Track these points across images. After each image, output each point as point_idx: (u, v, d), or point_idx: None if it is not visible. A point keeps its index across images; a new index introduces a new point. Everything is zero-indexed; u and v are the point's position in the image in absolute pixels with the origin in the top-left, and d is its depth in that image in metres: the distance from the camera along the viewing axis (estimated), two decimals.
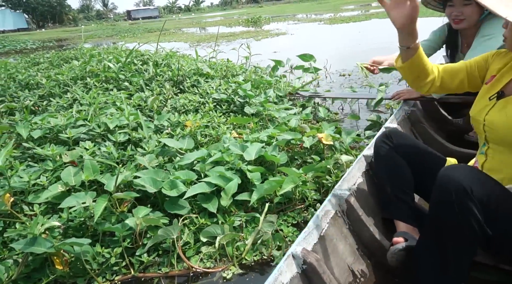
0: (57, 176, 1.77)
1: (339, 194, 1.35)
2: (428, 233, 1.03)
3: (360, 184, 1.49)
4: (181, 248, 1.49)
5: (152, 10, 63.07)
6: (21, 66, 4.10)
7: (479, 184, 0.90)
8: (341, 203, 1.34)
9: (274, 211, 1.74)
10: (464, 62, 1.27)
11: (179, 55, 4.62)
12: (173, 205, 1.67)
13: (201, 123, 2.50)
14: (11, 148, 1.76)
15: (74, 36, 23.04)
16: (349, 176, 1.47)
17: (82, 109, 2.42)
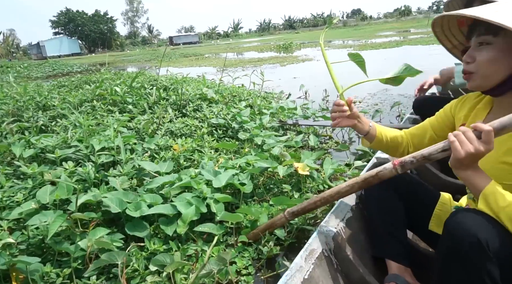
0: (35, 194, 1.86)
1: (325, 231, 1.27)
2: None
3: (349, 219, 1.41)
4: (128, 274, 1.48)
5: (192, 36, 66.49)
6: (45, 89, 4.45)
7: (496, 236, 0.77)
8: (328, 241, 1.26)
9: (236, 242, 1.70)
10: (428, 120, 1.27)
11: (191, 80, 4.79)
12: (135, 227, 1.69)
13: (188, 147, 2.55)
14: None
15: (118, 60, 24.70)
16: (337, 211, 1.40)
17: (76, 131, 2.56)
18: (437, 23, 1.14)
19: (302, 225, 1.70)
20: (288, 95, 4.86)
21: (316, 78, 7.24)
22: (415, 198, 1.24)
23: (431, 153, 0.96)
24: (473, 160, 0.84)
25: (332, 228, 1.27)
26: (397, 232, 1.21)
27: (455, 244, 0.79)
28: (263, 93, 4.89)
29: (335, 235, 1.25)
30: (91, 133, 2.63)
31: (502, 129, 0.82)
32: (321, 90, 5.28)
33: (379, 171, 1.13)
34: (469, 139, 0.83)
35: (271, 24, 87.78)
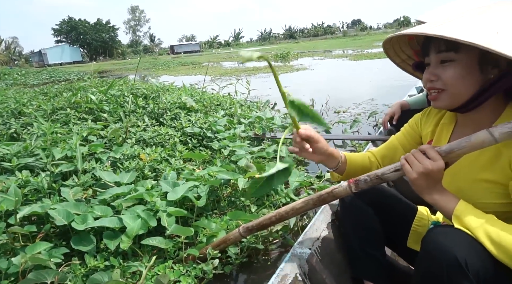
0: None
1: (299, 253, 1.19)
2: None
3: (325, 238, 1.34)
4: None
5: (193, 45, 67.00)
6: (27, 96, 4.40)
7: (475, 255, 0.74)
8: (301, 263, 1.18)
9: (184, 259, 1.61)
10: (396, 137, 1.20)
11: (175, 89, 4.74)
12: (81, 241, 1.60)
13: (156, 157, 2.47)
14: None
15: (117, 68, 24.81)
16: (312, 229, 1.32)
17: (44, 139, 2.49)
18: (387, 40, 1.07)
19: (254, 244, 1.61)
20: (274, 104, 4.81)
21: (306, 87, 7.22)
22: (392, 213, 1.17)
23: (384, 172, 0.95)
24: (430, 180, 0.83)
25: (306, 249, 1.19)
26: (374, 250, 1.15)
27: (433, 263, 0.77)
28: (248, 102, 4.83)
29: (309, 256, 1.18)
30: (56, 142, 2.56)
31: (450, 153, 0.83)
32: (309, 99, 5.23)
33: (334, 188, 1.08)
34: (419, 160, 0.83)
35: (272, 34, 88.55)
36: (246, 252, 1.61)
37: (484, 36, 0.73)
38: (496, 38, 0.72)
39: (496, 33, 0.74)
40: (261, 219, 1.32)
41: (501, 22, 0.76)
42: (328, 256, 1.26)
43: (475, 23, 0.77)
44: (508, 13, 0.79)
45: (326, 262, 1.23)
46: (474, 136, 0.79)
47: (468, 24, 0.77)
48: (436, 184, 0.84)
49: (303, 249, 1.19)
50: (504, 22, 0.76)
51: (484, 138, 0.78)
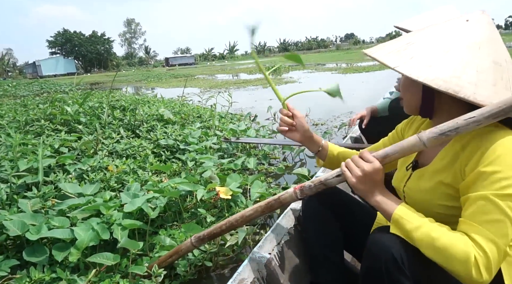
0: None
1: (257, 258, 1.18)
2: None
3: (285, 242, 1.34)
4: None
5: (188, 57, 67.50)
6: (7, 108, 4.40)
7: (411, 253, 0.80)
8: (260, 268, 1.18)
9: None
10: (383, 140, 1.26)
11: (155, 100, 4.77)
12: (34, 252, 1.60)
13: (124, 168, 2.48)
14: None
15: (110, 80, 24.88)
16: (273, 234, 1.31)
17: (7, 151, 2.49)
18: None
19: (202, 260, 1.62)
20: (254, 116, 4.85)
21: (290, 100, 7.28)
22: (352, 218, 1.20)
23: (327, 178, 0.99)
24: (369, 183, 0.88)
25: (266, 253, 1.19)
26: (333, 255, 1.17)
27: (372, 261, 0.83)
28: (230, 114, 4.88)
29: (268, 261, 1.17)
30: (25, 153, 2.56)
31: (385, 157, 0.88)
32: None
33: (281, 195, 1.12)
34: (356, 164, 0.89)
35: (267, 47, 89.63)
36: (195, 268, 1.61)
37: (405, 63, 0.86)
38: (409, 63, 0.85)
39: (410, 58, 0.86)
40: (212, 228, 1.34)
41: (420, 50, 0.87)
42: (288, 260, 1.26)
43: (404, 53, 0.89)
44: (431, 40, 0.88)
45: (286, 266, 1.23)
46: (406, 141, 0.85)
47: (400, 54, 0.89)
48: (376, 186, 0.88)
49: (262, 253, 1.19)
50: (422, 49, 0.87)
51: (414, 143, 0.83)
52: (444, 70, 0.82)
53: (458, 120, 0.78)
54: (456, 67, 0.82)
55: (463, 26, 0.87)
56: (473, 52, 0.83)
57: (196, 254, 1.62)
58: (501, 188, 0.73)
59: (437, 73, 0.81)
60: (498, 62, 0.83)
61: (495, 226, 0.72)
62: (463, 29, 0.86)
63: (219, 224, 1.30)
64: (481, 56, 0.83)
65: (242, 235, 1.58)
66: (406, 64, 0.84)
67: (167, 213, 2.05)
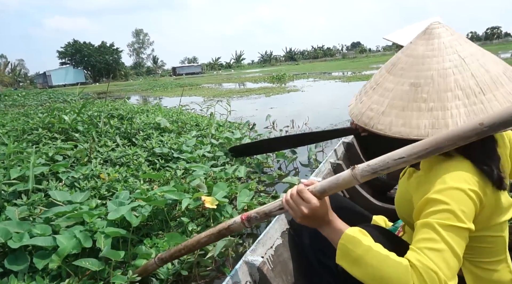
0: None
1: (250, 261, 1.18)
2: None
3: (278, 246, 1.33)
4: None
5: (195, 67, 68.25)
6: (10, 117, 4.49)
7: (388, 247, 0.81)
8: (252, 272, 1.18)
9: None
10: None
11: (154, 109, 4.83)
12: (16, 260, 1.62)
13: (116, 176, 2.50)
14: None
15: (117, 89, 25.24)
16: (265, 237, 1.31)
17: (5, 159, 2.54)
18: None
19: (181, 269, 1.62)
20: (253, 125, 4.87)
21: (291, 108, 7.31)
22: (347, 221, 1.18)
23: (271, 210, 1.00)
24: (313, 219, 0.87)
25: (258, 257, 1.18)
26: (328, 260, 1.15)
27: None
28: (228, 123, 4.90)
29: (261, 264, 1.17)
30: (22, 161, 2.60)
31: (323, 192, 0.86)
32: (289, 120, 5.32)
33: (230, 224, 1.14)
34: (296, 204, 0.86)
35: (273, 56, 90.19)
36: (173, 277, 1.61)
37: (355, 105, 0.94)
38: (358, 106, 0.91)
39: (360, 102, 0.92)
40: (173, 251, 1.36)
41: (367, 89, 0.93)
42: (280, 264, 1.26)
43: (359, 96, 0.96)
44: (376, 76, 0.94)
45: (279, 270, 1.23)
46: (342, 177, 0.83)
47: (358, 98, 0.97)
48: (322, 219, 0.88)
49: (254, 256, 1.18)
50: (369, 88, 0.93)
51: (348, 179, 0.82)
52: (364, 105, 0.88)
53: (389, 159, 0.75)
54: (375, 99, 0.87)
55: (403, 51, 0.90)
56: (395, 80, 0.85)
57: (174, 263, 1.62)
58: (448, 219, 0.73)
59: (360, 108, 0.89)
60: (416, 84, 0.82)
61: (437, 255, 0.72)
62: (401, 55, 0.89)
63: (178, 247, 1.32)
64: (400, 82, 0.84)
65: (220, 246, 1.57)
66: (356, 102, 0.94)
67: (154, 221, 2.06)
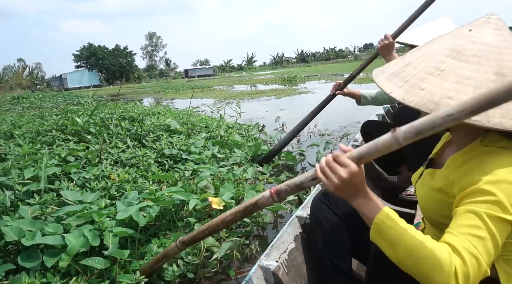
0: None
1: (265, 265, 1.19)
2: None
3: (292, 250, 1.34)
4: None
5: (207, 69, 68.80)
6: (26, 119, 4.62)
7: None
8: (267, 276, 1.19)
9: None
10: None
11: (165, 111, 4.89)
12: (28, 258, 1.66)
13: (125, 177, 2.55)
14: None
15: (130, 91, 25.62)
16: (279, 242, 1.32)
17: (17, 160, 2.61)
18: None
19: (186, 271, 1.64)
20: (262, 127, 4.88)
21: (301, 110, 7.27)
22: (360, 225, 1.13)
23: (302, 181, 0.95)
24: (349, 187, 0.81)
25: (273, 261, 1.20)
26: (341, 263, 1.16)
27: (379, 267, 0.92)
28: (237, 124, 4.93)
29: (276, 269, 1.18)
30: (36, 162, 2.67)
31: (359, 158, 0.81)
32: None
33: (258, 199, 1.11)
34: (332, 170, 0.81)
35: (284, 58, 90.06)
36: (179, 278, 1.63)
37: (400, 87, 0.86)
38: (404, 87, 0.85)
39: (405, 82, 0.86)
40: (195, 232, 1.36)
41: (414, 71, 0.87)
42: (294, 268, 1.26)
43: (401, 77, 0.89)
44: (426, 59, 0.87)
45: (293, 275, 1.23)
46: (381, 141, 0.77)
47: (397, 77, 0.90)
48: (358, 188, 0.82)
49: (269, 261, 1.19)
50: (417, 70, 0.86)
51: (389, 143, 0.76)
52: (435, 92, 0.79)
53: (435, 118, 0.70)
54: (449, 87, 0.79)
55: (463, 38, 0.84)
56: (471, 67, 0.80)
57: (180, 264, 1.64)
58: (495, 210, 0.72)
59: (429, 96, 0.80)
60: (502, 73, 0.78)
61: (480, 242, 0.70)
62: (462, 42, 0.83)
63: (202, 228, 1.32)
64: (480, 70, 0.79)
65: (225, 247, 1.58)
66: (401, 89, 0.84)
67: (162, 221, 2.09)
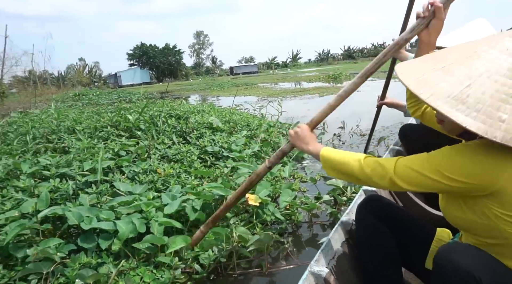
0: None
1: (316, 272, 1.18)
2: None
3: (339, 257, 1.33)
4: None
5: (252, 66, 69.41)
6: (85, 116, 5.08)
7: (488, 271, 0.79)
8: (318, 282, 1.18)
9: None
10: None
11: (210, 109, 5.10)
12: (85, 240, 1.89)
13: (170, 172, 2.74)
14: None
15: (178, 88, 26.73)
16: (327, 248, 1.32)
17: (78, 153, 2.91)
18: None
19: (220, 257, 1.75)
20: None
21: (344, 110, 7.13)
22: (409, 233, 1.17)
23: (283, 149, 1.46)
24: (302, 138, 1.31)
25: (324, 267, 1.19)
26: (391, 271, 1.15)
27: (448, 280, 0.80)
28: (279, 123, 5.00)
29: (327, 275, 1.17)
30: (93, 155, 2.97)
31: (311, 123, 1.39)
32: (340, 122, 5.26)
33: (257, 170, 1.51)
34: (294, 131, 1.35)
35: (330, 54, 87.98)
36: (214, 262, 1.74)
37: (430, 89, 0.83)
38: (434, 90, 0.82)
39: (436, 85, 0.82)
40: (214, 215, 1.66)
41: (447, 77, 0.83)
42: (344, 275, 1.25)
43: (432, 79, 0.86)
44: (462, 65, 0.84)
45: (343, 281, 1.22)
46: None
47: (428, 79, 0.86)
48: (307, 140, 1.28)
49: (320, 267, 1.18)
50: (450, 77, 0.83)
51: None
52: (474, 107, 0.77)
53: None
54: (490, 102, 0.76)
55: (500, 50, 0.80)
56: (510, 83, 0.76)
57: (215, 250, 1.75)
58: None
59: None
60: None
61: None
62: (500, 56, 0.79)
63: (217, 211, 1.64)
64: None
65: (256, 238, 1.67)
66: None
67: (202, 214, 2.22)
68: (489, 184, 0.81)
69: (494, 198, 0.82)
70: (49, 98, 15.55)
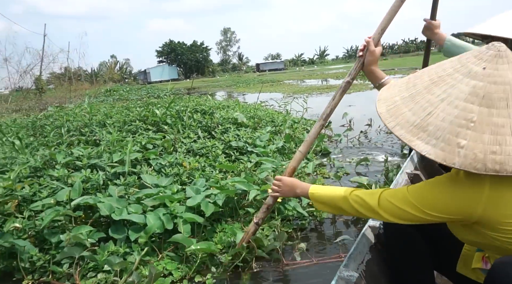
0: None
1: (346, 277, 1.15)
2: None
3: (369, 261, 1.29)
4: (82, 269, 1.74)
5: (278, 63, 69.06)
6: (115, 110, 5.27)
7: None
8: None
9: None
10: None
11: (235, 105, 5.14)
12: (116, 230, 1.97)
13: (195, 165, 2.80)
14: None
15: (204, 85, 27.10)
16: (356, 252, 1.28)
17: (107, 145, 3.03)
18: None
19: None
20: (328, 123, 4.84)
21: (371, 107, 6.98)
22: (439, 235, 1.15)
23: (268, 203, 1.62)
24: (288, 188, 1.41)
25: (353, 272, 1.17)
26: (423, 275, 1.14)
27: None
28: (304, 120, 4.97)
29: (357, 280, 1.15)
30: (122, 147, 3.08)
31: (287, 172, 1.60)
32: (367, 119, 5.15)
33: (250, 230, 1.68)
34: (277, 186, 1.47)
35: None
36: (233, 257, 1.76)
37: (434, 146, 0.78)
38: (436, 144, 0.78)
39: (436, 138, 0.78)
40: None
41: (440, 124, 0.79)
42: (373, 279, 1.23)
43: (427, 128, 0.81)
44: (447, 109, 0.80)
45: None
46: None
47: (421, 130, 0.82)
48: (293, 186, 1.36)
49: (349, 272, 1.16)
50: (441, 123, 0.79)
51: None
52: (476, 149, 0.73)
53: None
54: (488, 140, 0.73)
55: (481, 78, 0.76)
56: (502, 113, 0.74)
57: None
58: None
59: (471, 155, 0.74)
60: None
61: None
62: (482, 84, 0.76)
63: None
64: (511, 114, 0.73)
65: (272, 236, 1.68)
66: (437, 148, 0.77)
67: (225, 208, 2.26)
68: (468, 214, 0.80)
69: (483, 224, 0.81)
70: (82, 94, 16.25)
